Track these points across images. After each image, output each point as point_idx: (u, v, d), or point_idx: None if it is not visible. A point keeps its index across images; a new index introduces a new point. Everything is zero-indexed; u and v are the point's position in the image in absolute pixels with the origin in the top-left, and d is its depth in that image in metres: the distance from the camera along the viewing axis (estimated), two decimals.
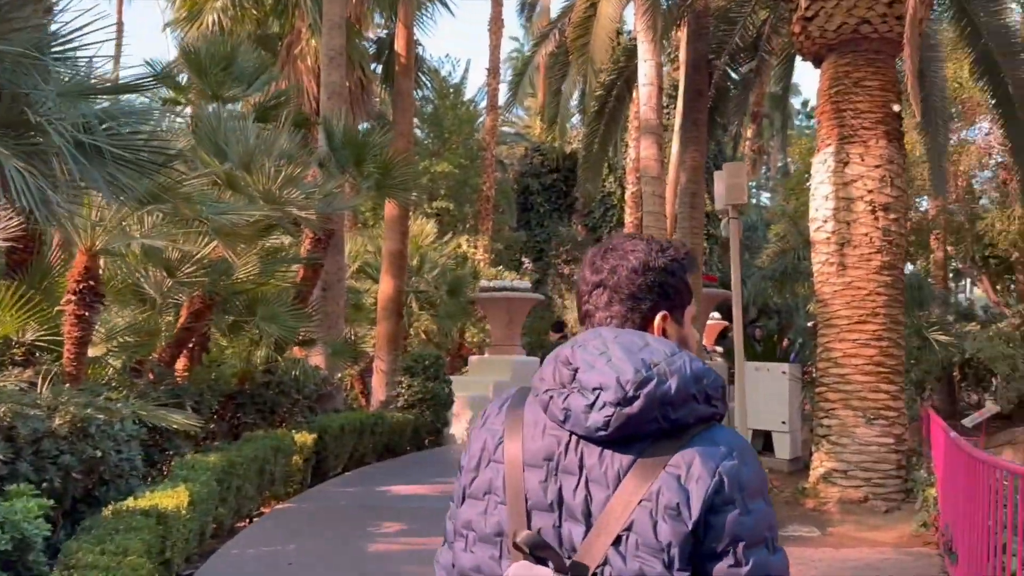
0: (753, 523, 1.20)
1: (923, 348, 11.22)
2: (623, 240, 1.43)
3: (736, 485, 1.20)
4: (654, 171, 8.87)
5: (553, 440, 1.27)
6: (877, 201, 8.80)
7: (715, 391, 1.27)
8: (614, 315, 1.36)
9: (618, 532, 1.19)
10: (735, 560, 1.18)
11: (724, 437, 1.25)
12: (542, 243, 28.66)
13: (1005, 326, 16.51)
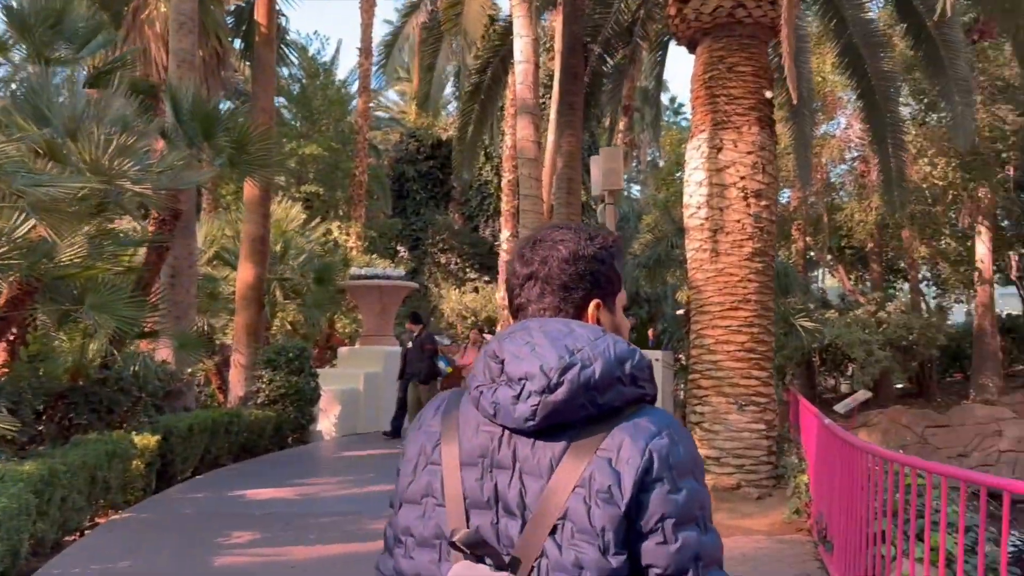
0: (683, 501, 1.18)
1: (789, 334, 11.45)
2: (550, 230, 1.41)
3: (666, 463, 1.18)
4: (531, 152, 8.50)
5: (487, 436, 1.26)
6: (749, 187, 8.79)
7: (642, 372, 1.25)
8: (547, 307, 1.34)
9: (554, 522, 1.17)
10: (663, 538, 1.16)
11: (654, 417, 1.23)
12: (418, 231, 28.05)
13: (862, 313, 17.30)
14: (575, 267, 1.34)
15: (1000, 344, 19.12)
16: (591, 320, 1.35)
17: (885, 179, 11.70)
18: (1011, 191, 18.08)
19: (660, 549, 1.17)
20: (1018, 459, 15.65)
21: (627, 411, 1.23)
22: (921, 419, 17.09)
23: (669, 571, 1.17)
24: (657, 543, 1.17)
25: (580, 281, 1.35)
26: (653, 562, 1.17)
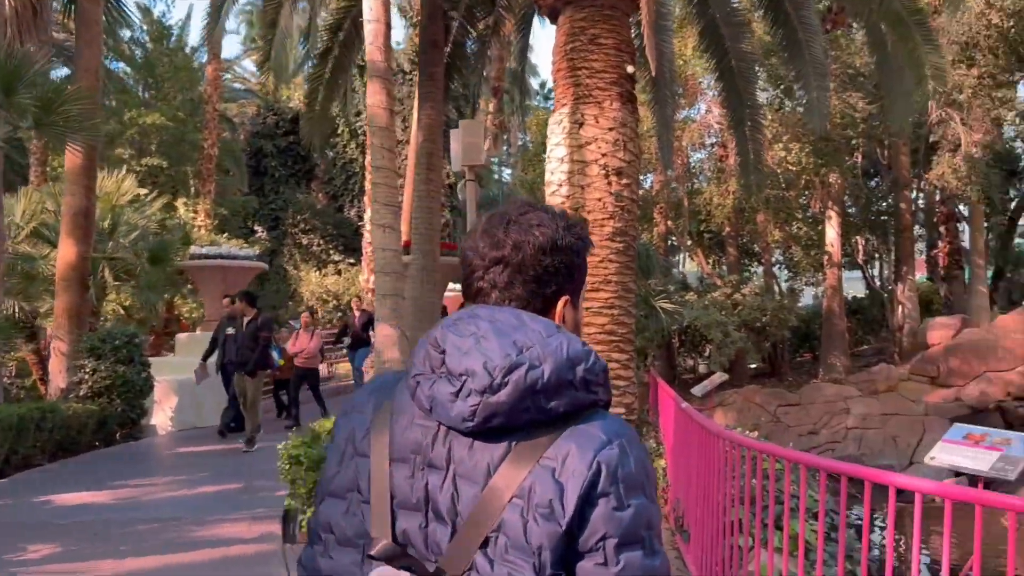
0: (629, 519, 1.07)
1: (650, 316, 11.39)
2: (522, 209, 1.26)
3: (614, 477, 1.08)
4: (382, 120, 7.86)
5: (421, 432, 1.16)
6: (611, 165, 8.50)
7: (596, 376, 1.14)
8: (514, 297, 1.22)
9: (487, 533, 1.07)
10: (604, 559, 1.06)
11: (606, 426, 1.13)
12: (278, 211, 26.67)
13: (719, 295, 17.66)
14: (551, 259, 1.23)
15: (847, 325, 20.05)
16: (558, 317, 1.25)
17: (742, 163, 11.76)
18: (859, 177, 18.91)
19: (599, 571, 1.07)
20: (863, 435, 16.39)
21: (577, 417, 1.13)
22: (774, 398, 17.65)
23: None
24: (596, 564, 1.07)
25: (555, 275, 1.24)
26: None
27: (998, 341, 16.11)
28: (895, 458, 15.61)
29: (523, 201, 1.32)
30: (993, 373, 15.84)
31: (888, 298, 19.83)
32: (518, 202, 1.31)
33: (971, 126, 16.41)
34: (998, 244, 23.38)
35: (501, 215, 1.27)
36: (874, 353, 20.65)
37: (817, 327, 20.24)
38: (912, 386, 16.90)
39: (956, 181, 16.02)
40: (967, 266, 20.90)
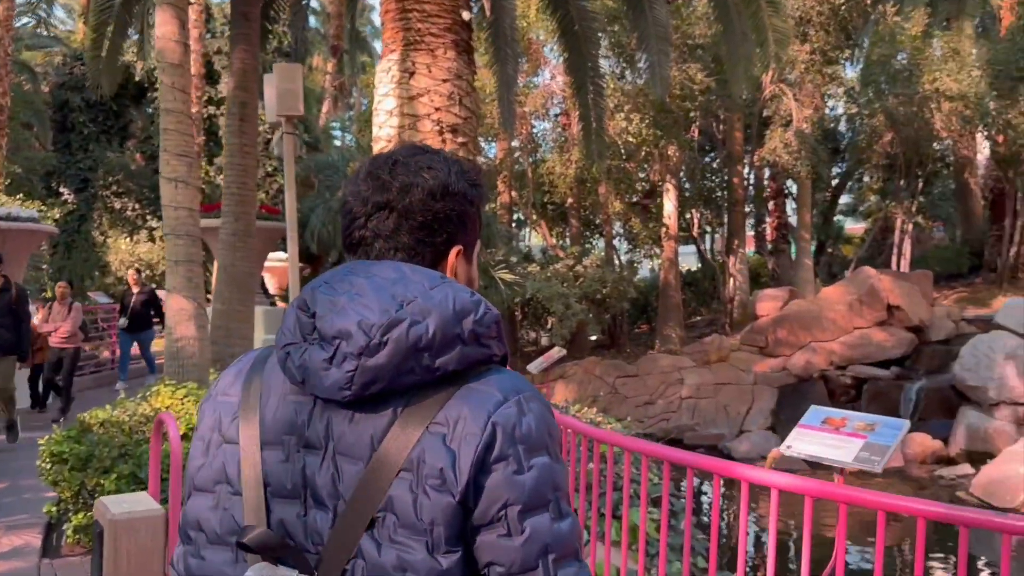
0: (532, 482, 0.97)
1: (490, 287, 10.79)
2: (412, 151, 1.16)
3: (511, 437, 0.98)
4: (174, 56, 6.70)
5: (294, 408, 1.05)
6: (445, 121, 7.79)
7: (487, 329, 1.03)
8: (400, 247, 1.10)
9: (373, 514, 0.97)
10: (507, 529, 0.96)
11: (502, 383, 1.02)
12: (86, 171, 23.99)
13: (560, 267, 17.41)
14: (443, 204, 1.11)
15: (682, 297, 20.43)
16: (449, 270, 1.13)
17: (584, 130, 11.38)
18: (695, 151, 19.16)
19: (503, 543, 0.96)
20: (697, 405, 16.69)
21: (469, 376, 1.02)
22: (613, 370, 17.68)
23: (514, 569, 0.96)
24: (500, 536, 0.96)
25: (446, 223, 1.12)
26: (495, 559, 0.97)
27: (822, 312, 16.79)
28: (726, 427, 15.98)
29: (413, 144, 1.22)
30: (817, 343, 16.50)
31: (720, 270, 20.35)
32: (408, 144, 1.21)
33: (802, 102, 16.91)
34: (821, 220, 24.62)
35: (387, 156, 1.16)
36: (707, 324, 21.20)
37: (655, 299, 20.51)
38: (742, 356, 17.37)
39: (787, 156, 16.46)
40: (793, 240, 21.81)
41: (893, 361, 15.89)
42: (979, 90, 16.27)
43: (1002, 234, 19.43)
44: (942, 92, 16.19)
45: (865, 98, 17.64)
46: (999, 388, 12.33)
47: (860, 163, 21.08)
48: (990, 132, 18.02)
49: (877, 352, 16.00)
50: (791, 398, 15.86)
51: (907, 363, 15.95)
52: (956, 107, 16.35)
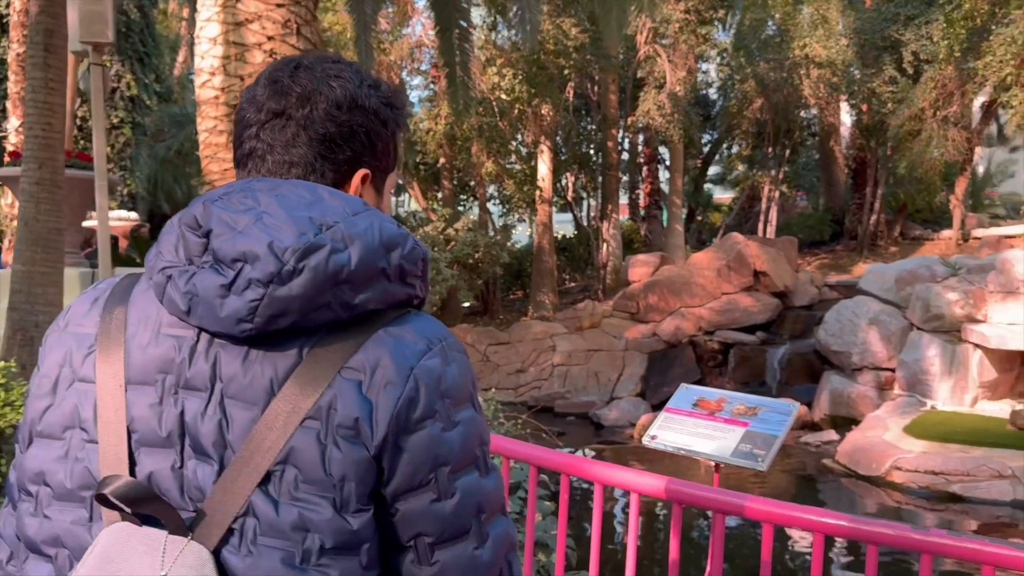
0: (461, 439, 0.90)
1: None
2: (322, 58, 1.03)
3: (436, 391, 0.89)
4: None
5: (172, 344, 0.90)
6: (280, 53, 6.79)
7: (414, 266, 0.94)
8: (296, 161, 0.98)
9: (268, 467, 0.85)
10: (438, 492, 0.88)
11: (423, 328, 0.93)
12: None
13: (431, 230, 16.57)
14: (350, 117, 0.99)
15: (556, 262, 20.04)
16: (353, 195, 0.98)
17: (449, 78, 10.52)
18: (571, 113, 18.62)
19: (435, 509, 0.87)
20: (568, 372, 16.35)
21: (388, 316, 0.91)
22: (485, 337, 17.12)
23: (446, 536, 0.88)
24: (431, 500, 0.87)
25: (351, 139, 1.00)
26: (424, 528, 0.88)
27: (691, 278, 16.73)
28: (597, 394, 15.72)
29: (323, 54, 1.07)
30: (687, 309, 16.43)
31: (594, 236, 20.04)
32: (318, 53, 1.10)
33: (676, 63, 16.62)
34: (692, 187, 24.77)
35: (291, 60, 1.03)
36: (580, 290, 20.94)
37: (529, 264, 20.01)
38: (614, 322, 17.16)
39: (661, 119, 16.16)
40: (665, 207, 21.78)
41: (759, 326, 16.02)
42: (846, 58, 16.44)
43: (863, 202, 19.99)
44: (811, 58, 16.26)
45: (737, 62, 17.55)
46: (862, 353, 12.46)
47: (730, 130, 21.19)
48: (855, 100, 18.36)
49: (744, 317, 16.10)
50: (660, 364, 15.77)
51: (772, 328, 16.11)
52: (824, 74, 16.48)
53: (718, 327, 16.05)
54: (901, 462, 8.82)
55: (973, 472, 8.24)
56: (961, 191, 17.58)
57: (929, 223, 21.25)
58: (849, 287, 16.09)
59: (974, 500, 8.11)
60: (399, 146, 1.09)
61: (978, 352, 10.89)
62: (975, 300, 11.30)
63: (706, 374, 15.47)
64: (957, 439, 9.18)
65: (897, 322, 12.50)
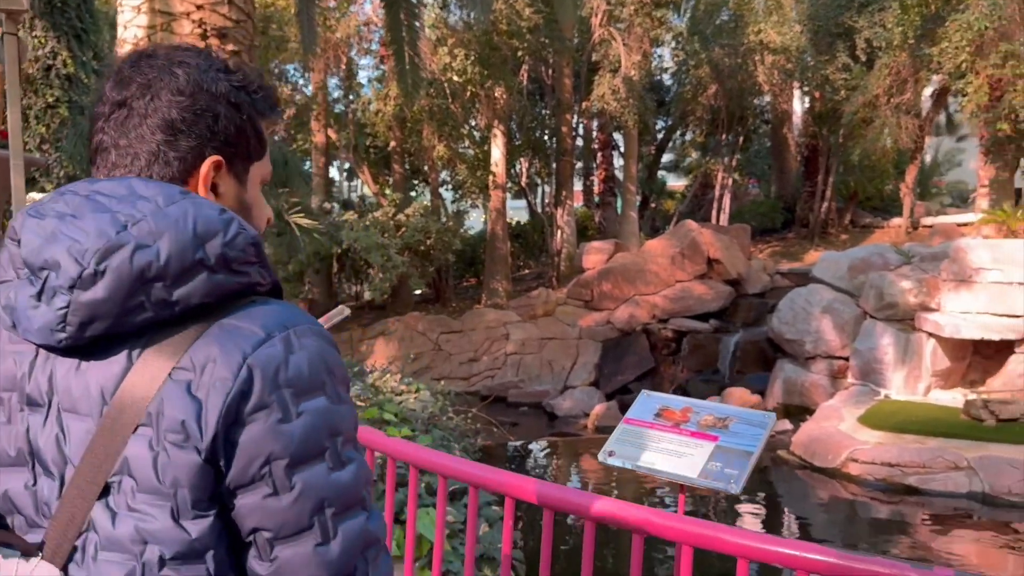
0: (302, 431, 0.85)
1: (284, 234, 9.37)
2: (173, 48, 1.00)
3: (273, 381, 0.84)
4: None
5: (13, 360, 0.90)
6: (211, 23, 6.33)
7: (240, 252, 0.89)
8: (137, 153, 0.95)
9: (106, 479, 0.84)
10: (272, 487, 0.84)
11: (266, 316, 0.88)
12: None
13: (380, 215, 16.11)
14: (192, 102, 0.95)
15: (510, 249, 19.73)
16: (203, 186, 0.96)
17: (396, 56, 10.08)
18: (524, 96, 18.25)
19: (270, 504, 0.84)
20: (521, 360, 16.07)
21: (227, 310, 0.88)
22: (437, 325, 16.75)
23: (284, 531, 0.85)
24: (265, 496, 0.84)
25: (194, 125, 0.95)
26: (260, 523, 0.85)
27: (645, 265, 16.56)
28: (551, 383, 15.48)
29: (183, 44, 1.02)
30: (641, 296, 16.26)
31: (548, 222, 19.75)
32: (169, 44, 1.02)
33: (631, 47, 16.35)
34: (646, 174, 24.63)
35: (140, 51, 0.99)
36: (534, 277, 20.66)
37: (482, 251, 19.65)
38: (569, 310, 16.92)
39: (615, 103, 15.89)
40: (619, 194, 21.58)
41: (712, 314, 15.92)
42: (800, 44, 16.36)
43: (814, 190, 20.04)
44: (765, 44, 16.14)
45: (691, 48, 17.36)
46: (815, 342, 12.39)
47: (684, 116, 21.05)
48: (808, 87, 18.32)
49: (697, 305, 15.98)
50: (614, 352, 15.59)
51: (725, 316, 16.03)
52: (778, 60, 16.38)
53: (672, 315, 15.90)
54: (857, 453, 8.71)
55: (929, 464, 8.16)
56: (911, 179, 17.69)
57: (879, 211, 21.41)
58: (801, 275, 16.07)
59: (930, 492, 8.03)
60: (262, 133, 1.03)
61: (931, 341, 10.87)
62: (928, 288, 11.28)
63: (660, 362, 15.33)
64: (912, 429, 9.11)
65: (850, 310, 12.45)
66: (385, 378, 6.53)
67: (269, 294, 0.94)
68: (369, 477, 0.92)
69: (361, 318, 18.24)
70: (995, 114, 13.02)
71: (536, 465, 10.44)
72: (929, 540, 7.46)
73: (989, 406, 9.02)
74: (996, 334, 10.24)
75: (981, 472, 7.92)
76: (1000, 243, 11.14)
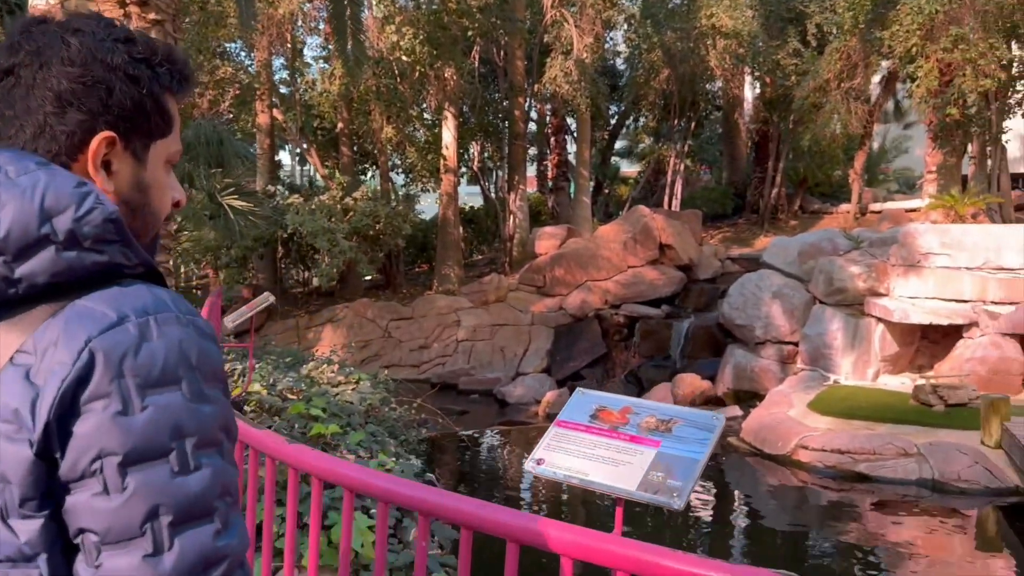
0: (142, 426, 0.78)
1: (218, 217, 8.93)
2: (74, 16, 0.92)
3: (116, 367, 0.77)
4: None
5: None
6: None
7: (96, 228, 0.83)
8: (23, 124, 0.89)
9: None
10: (103, 486, 0.77)
11: (124, 299, 0.81)
12: None
13: (327, 199, 15.65)
14: (83, 72, 0.88)
15: (462, 235, 19.41)
16: (92, 164, 0.89)
17: (337, 30, 9.67)
18: (475, 78, 17.89)
19: (98, 504, 0.77)
20: (473, 347, 15.82)
21: (86, 291, 0.81)
22: (387, 312, 16.40)
23: (111, 537, 0.77)
24: (95, 494, 0.77)
25: (87, 95, 0.88)
26: (87, 524, 0.78)
27: (598, 251, 16.40)
28: (502, 370, 15.26)
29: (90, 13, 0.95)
30: (593, 282, 16.10)
31: (501, 208, 19.46)
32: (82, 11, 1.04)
33: (583, 29, 16.09)
34: (599, 160, 24.48)
35: (36, 18, 0.92)
36: (487, 263, 20.38)
37: (434, 237, 19.30)
38: (521, 296, 16.71)
39: (568, 86, 15.63)
40: (572, 179, 21.38)
41: (664, 299, 15.85)
42: (751, 29, 16.27)
43: (764, 176, 20.08)
44: (717, 29, 16.02)
45: (644, 31, 17.17)
46: (765, 327, 12.35)
47: (637, 101, 20.90)
48: (759, 72, 18.29)
49: (649, 290, 15.89)
50: (566, 338, 15.42)
51: (677, 301, 15.97)
52: (730, 45, 16.28)
53: (624, 300, 15.78)
54: (807, 440, 8.65)
55: (879, 451, 8.11)
56: (860, 165, 17.80)
57: (828, 197, 21.57)
58: (751, 260, 16.07)
59: (881, 480, 7.99)
60: (167, 109, 0.96)
61: (880, 326, 10.88)
62: (877, 273, 11.29)
63: (612, 348, 15.20)
64: (861, 415, 9.09)
65: (800, 296, 12.44)
66: (322, 368, 6.19)
67: (146, 279, 0.86)
68: (230, 488, 0.83)
69: (308, 305, 17.77)
70: (944, 99, 13.08)
71: (485, 456, 10.20)
72: (877, 527, 7.42)
73: (938, 391, 9.03)
74: (945, 319, 10.28)
75: (931, 459, 7.90)
76: (948, 228, 11.19)
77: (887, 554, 6.89)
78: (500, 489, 8.75)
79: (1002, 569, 6.61)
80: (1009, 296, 10.07)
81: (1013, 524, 7.15)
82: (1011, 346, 9.78)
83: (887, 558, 6.82)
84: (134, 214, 0.93)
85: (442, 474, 8.74)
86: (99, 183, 0.90)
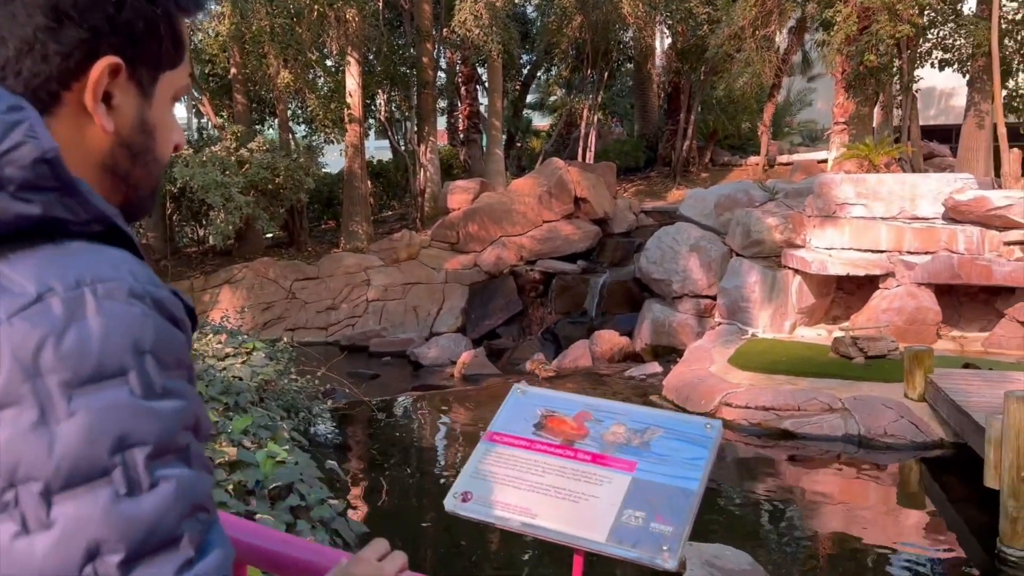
0: (68, 438, 0.60)
1: None
2: None
3: (32, 363, 0.61)
4: None
5: None
6: None
7: (25, 171, 0.65)
8: (5, 37, 0.73)
9: None
10: (20, 523, 0.60)
11: (53, 264, 0.64)
12: None
13: (219, 150, 14.51)
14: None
15: (371, 189, 18.52)
16: (91, 95, 0.73)
17: None
18: (380, 22, 16.88)
19: (17, 549, 0.60)
20: (385, 307, 15.14)
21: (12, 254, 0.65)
22: (290, 272, 15.52)
23: None
24: (13, 536, 0.60)
25: (90, 11, 0.72)
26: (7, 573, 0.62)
27: (512, 205, 15.88)
28: (415, 330, 14.66)
29: None
30: (508, 238, 15.60)
31: (411, 160, 18.64)
32: None
33: None
34: (511, 112, 23.82)
35: None
36: (397, 219, 19.59)
37: (341, 191, 18.36)
38: (433, 253, 16.07)
39: (478, 30, 14.87)
40: (484, 131, 20.69)
41: (580, 254, 15.51)
42: None
43: (676, 129, 19.87)
44: None
45: None
46: (683, 281, 12.12)
47: (549, 50, 20.28)
48: (672, 21, 17.92)
49: (565, 246, 15.52)
50: (481, 296, 14.93)
51: (592, 256, 15.66)
52: None
53: (539, 256, 15.35)
54: (730, 398, 8.43)
55: (804, 406, 7.95)
56: (768, 117, 17.75)
57: (736, 149, 21.59)
58: (665, 213, 15.86)
59: (806, 436, 7.83)
60: (181, 34, 0.79)
61: (797, 278, 10.77)
62: (794, 225, 11.15)
63: (528, 305, 14.78)
64: (782, 369, 8.93)
65: (717, 248, 12.24)
66: (208, 339, 5.46)
67: (104, 239, 0.68)
68: (201, 502, 0.65)
69: (204, 265, 16.66)
70: (859, 47, 12.97)
71: (397, 426, 9.63)
72: (795, 481, 7.27)
73: (858, 343, 8.94)
74: (862, 270, 10.22)
75: (856, 414, 7.78)
76: (864, 178, 11.12)
77: (803, 507, 6.74)
78: (414, 467, 8.22)
79: (917, 519, 6.53)
80: (924, 246, 10.08)
81: (937, 477, 7.09)
82: (926, 296, 9.81)
83: (803, 511, 6.66)
84: (135, 159, 0.77)
85: (353, 452, 8.14)
86: (98, 119, 0.73)
